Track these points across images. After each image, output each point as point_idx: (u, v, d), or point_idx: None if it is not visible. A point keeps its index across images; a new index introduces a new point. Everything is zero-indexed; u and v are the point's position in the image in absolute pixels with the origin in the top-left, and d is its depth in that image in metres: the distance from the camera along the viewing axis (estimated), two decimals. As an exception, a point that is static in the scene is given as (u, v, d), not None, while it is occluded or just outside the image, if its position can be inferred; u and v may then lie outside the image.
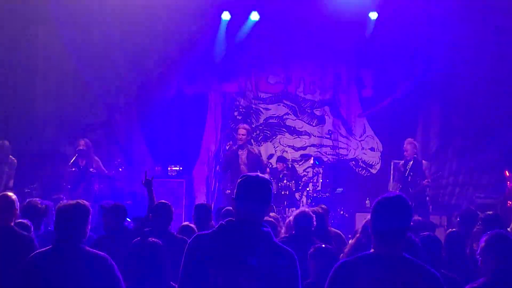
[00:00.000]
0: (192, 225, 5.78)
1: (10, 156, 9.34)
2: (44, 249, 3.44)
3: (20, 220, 4.97)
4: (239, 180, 2.94)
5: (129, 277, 4.89)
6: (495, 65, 11.19)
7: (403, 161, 9.78)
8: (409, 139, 10.02)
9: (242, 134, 9.31)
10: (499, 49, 11.17)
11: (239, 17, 11.71)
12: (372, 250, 2.82)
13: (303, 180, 11.33)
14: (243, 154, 9.27)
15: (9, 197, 4.63)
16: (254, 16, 11.55)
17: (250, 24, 11.67)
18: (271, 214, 6.96)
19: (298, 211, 5.57)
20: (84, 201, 3.52)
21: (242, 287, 2.73)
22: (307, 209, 5.70)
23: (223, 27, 11.76)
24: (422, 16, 11.26)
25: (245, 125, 9.90)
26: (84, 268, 3.19)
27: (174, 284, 3.81)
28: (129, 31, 11.38)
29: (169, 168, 11.03)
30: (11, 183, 9.18)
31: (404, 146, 9.79)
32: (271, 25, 11.73)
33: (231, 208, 6.11)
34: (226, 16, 11.60)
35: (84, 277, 3.17)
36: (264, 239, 2.84)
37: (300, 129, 11.91)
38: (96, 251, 3.34)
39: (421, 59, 11.48)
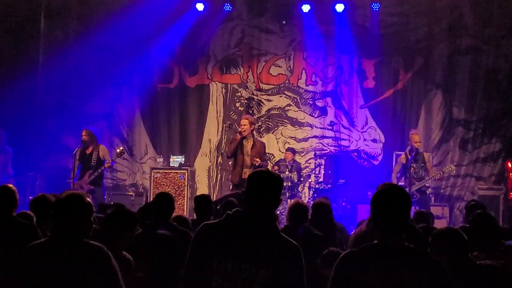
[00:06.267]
0: (185, 216, 5.78)
1: (6, 147, 9.31)
2: (41, 240, 3.46)
3: (23, 211, 5.01)
4: (249, 175, 2.99)
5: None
6: (497, 55, 11.17)
7: (413, 153, 9.62)
8: (416, 130, 10.34)
9: (244, 125, 9.27)
10: (500, 41, 11.15)
11: (241, 9, 11.70)
12: (375, 241, 2.84)
13: (305, 171, 11.34)
14: (248, 145, 9.23)
15: (9, 188, 4.71)
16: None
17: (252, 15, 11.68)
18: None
19: (292, 202, 5.59)
20: (82, 192, 3.53)
21: (248, 276, 2.76)
22: (300, 200, 5.68)
23: (224, 18, 11.76)
24: (421, 7, 11.25)
25: (247, 115, 9.88)
26: (79, 258, 3.20)
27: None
28: (131, 22, 11.38)
29: (171, 159, 11.05)
30: (10, 171, 9.19)
31: (416, 137, 9.70)
32: (273, 17, 11.72)
33: (232, 199, 6.16)
34: (228, 7, 11.61)
35: (79, 268, 3.17)
36: (270, 231, 2.87)
37: (302, 121, 11.89)
38: (92, 241, 3.34)
39: (421, 50, 11.45)
